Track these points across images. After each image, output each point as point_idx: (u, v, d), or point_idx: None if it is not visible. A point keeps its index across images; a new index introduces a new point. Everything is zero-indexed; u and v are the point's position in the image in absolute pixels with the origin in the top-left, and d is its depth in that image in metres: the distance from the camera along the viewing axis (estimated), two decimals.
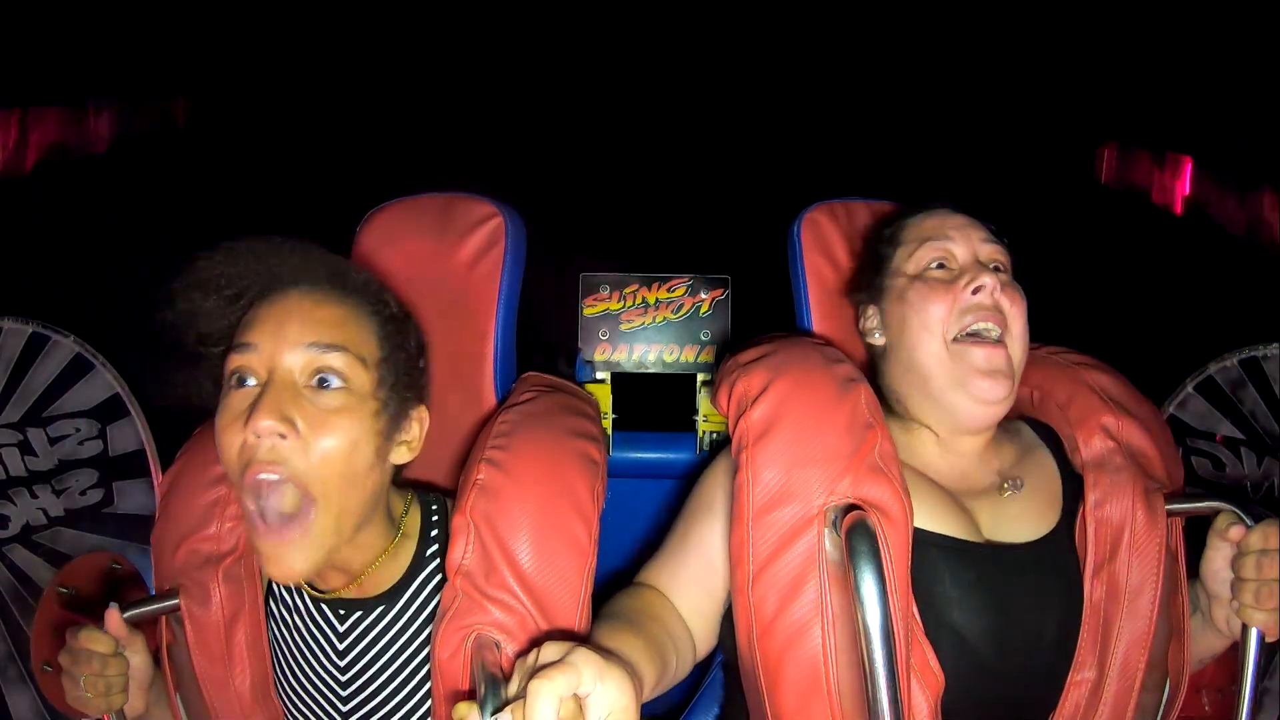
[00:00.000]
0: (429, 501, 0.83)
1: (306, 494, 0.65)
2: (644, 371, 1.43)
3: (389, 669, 0.77)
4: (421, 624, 0.77)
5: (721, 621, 0.83)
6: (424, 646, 0.76)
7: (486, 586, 0.71)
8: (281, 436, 0.64)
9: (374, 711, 0.77)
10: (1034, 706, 0.77)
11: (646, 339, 1.42)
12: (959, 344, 0.80)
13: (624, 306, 1.42)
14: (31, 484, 1.55)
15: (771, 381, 0.77)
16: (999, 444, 0.86)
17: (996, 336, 0.80)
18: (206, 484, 0.82)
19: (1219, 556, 0.74)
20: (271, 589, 0.81)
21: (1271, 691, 1.42)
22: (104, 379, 1.58)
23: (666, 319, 1.41)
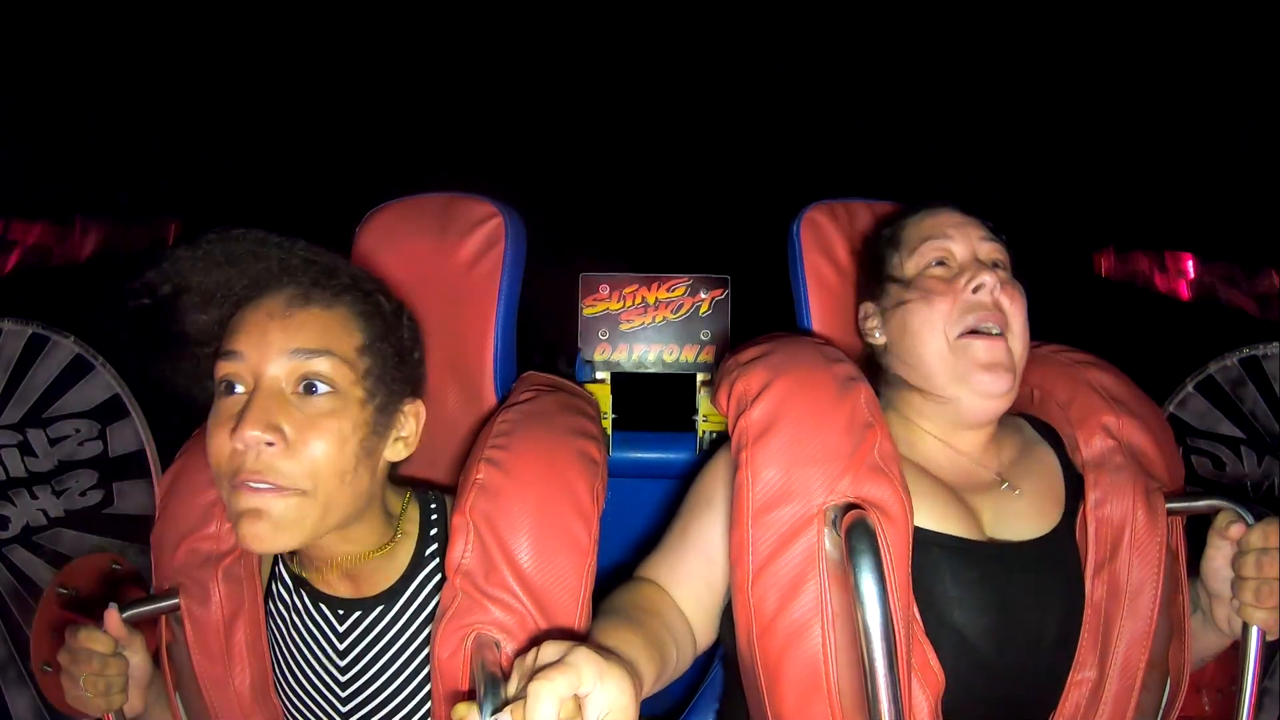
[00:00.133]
0: (428, 500, 0.83)
1: (297, 490, 0.65)
2: (644, 371, 1.43)
3: (389, 669, 0.77)
4: (421, 623, 0.77)
5: (722, 616, 0.83)
6: (424, 646, 0.76)
7: (486, 586, 0.70)
8: (269, 444, 0.64)
9: (374, 711, 0.77)
10: (1035, 706, 0.77)
11: (646, 339, 1.42)
12: (960, 340, 0.80)
13: (624, 306, 1.42)
14: (31, 485, 1.55)
15: (771, 381, 0.77)
16: (1000, 441, 0.86)
17: (997, 334, 0.80)
18: (206, 483, 0.82)
19: (1219, 555, 0.74)
20: (271, 589, 0.81)
21: (1272, 691, 1.42)
22: (104, 379, 1.58)
23: (666, 319, 1.42)
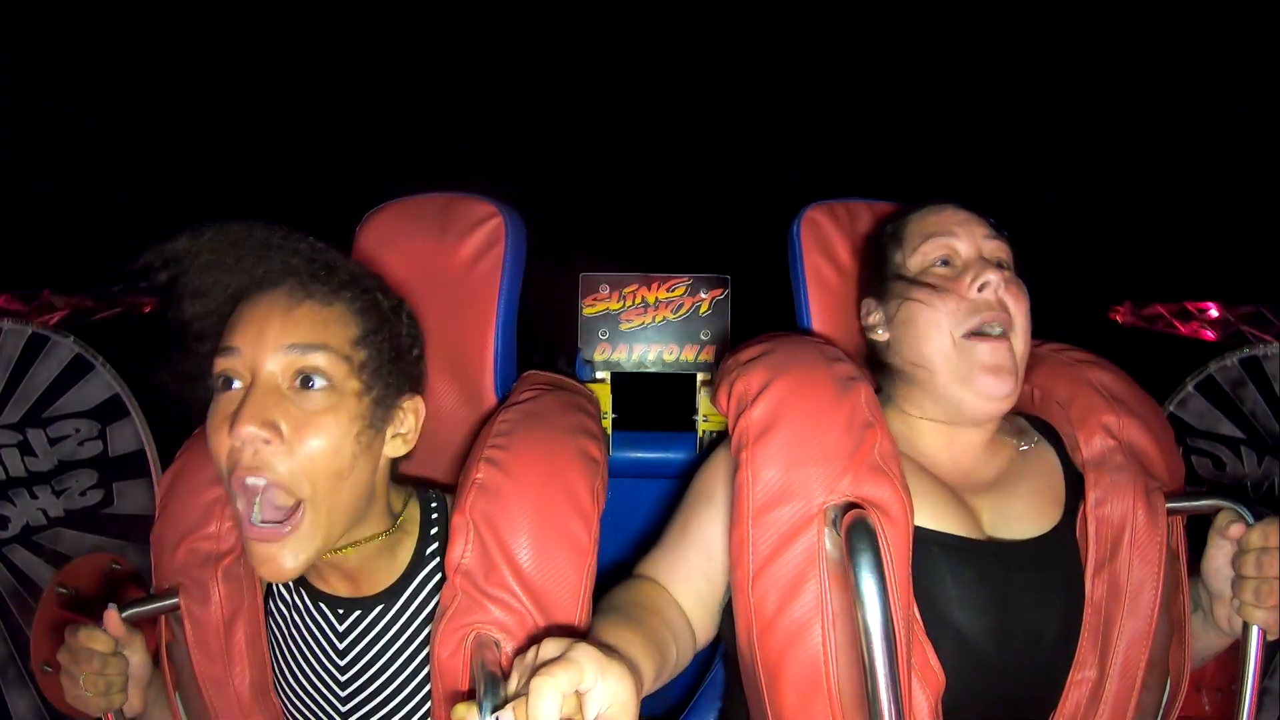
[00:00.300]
0: (429, 499, 0.83)
1: (294, 495, 0.66)
2: (644, 371, 1.43)
3: (389, 668, 0.77)
4: (421, 623, 0.77)
5: (723, 614, 0.83)
6: (424, 645, 0.76)
7: (486, 585, 0.70)
8: (265, 441, 0.64)
9: (374, 711, 0.77)
10: (1035, 705, 0.77)
11: (646, 339, 1.42)
12: (965, 340, 0.80)
13: (624, 306, 1.42)
14: (31, 484, 1.55)
15: (771, 380, 0.77)
16: (1001, 439, 0.86)
17: (1000, 333, 0.80)
18: (206, 483, 0.82)
19: (1220, 554, 0.74)
20: (271, 588, 0.81)
21: (1272, 691, 1.42)
22: (104, 379, 1.58)
23: (666, 319, 1.42)
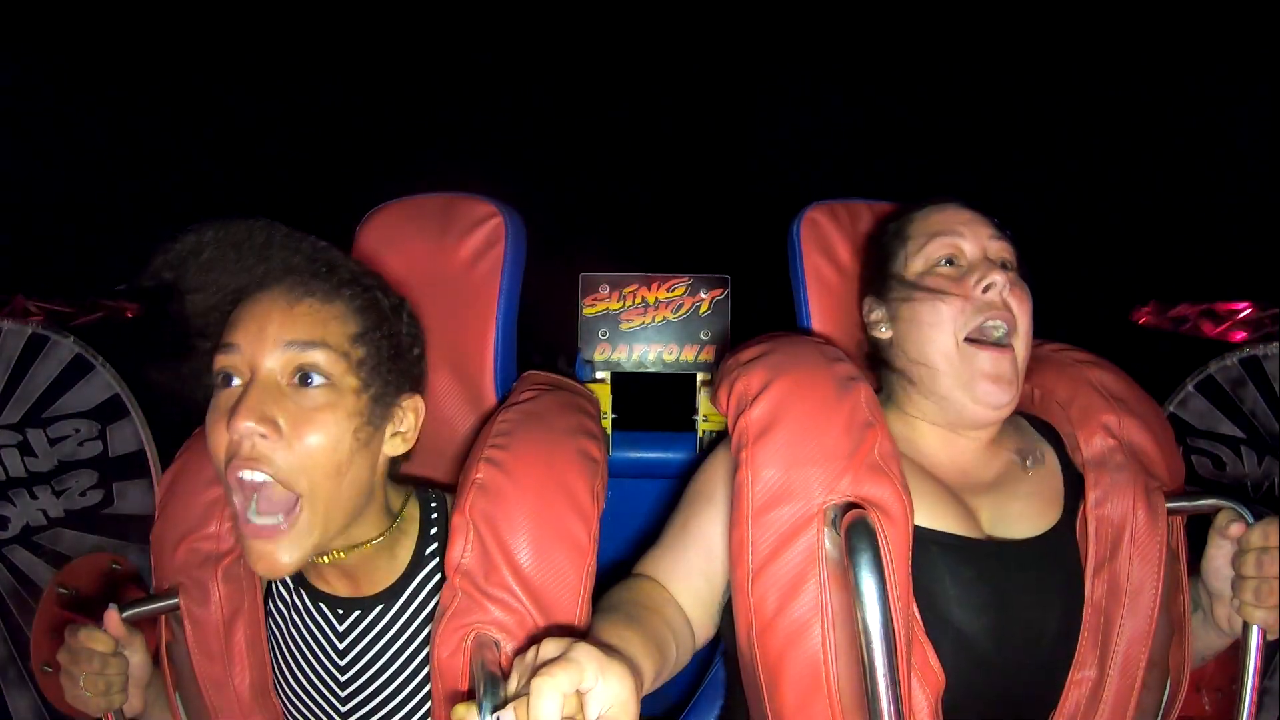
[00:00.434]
0: (429, 499, 0.83)
1: (292, 490, 0.66)
2: (644, 371, 1.43)
3: (389, 668, 0.77)
4: (421, 623, 0.77)
5: (723, 613, 0.83)
6: (424, 645, 0.76)
7: (486, 585, 0.70)
8: (263, 436, 0.64)
9: (374, 711, 0.77)
10: (1034, 704, 0.77)
11: (646, 339, 1.42)
12: (969, 344, 0.80)
13: (624, 306, 1.42)
14: (31, 485, 1.54)
15: (771, 380, 0.77)
16: (1001, 439, 0.86)
17: (1004, 333, 0.80)
18: (206, 483, 0.82)
19: (1220, 554, 0.74)
20: (271, 588, 0.81)
21: (1272, 691, 1.42)
22: (104, 379, 1.58)
23: (666, 319, 1.41)
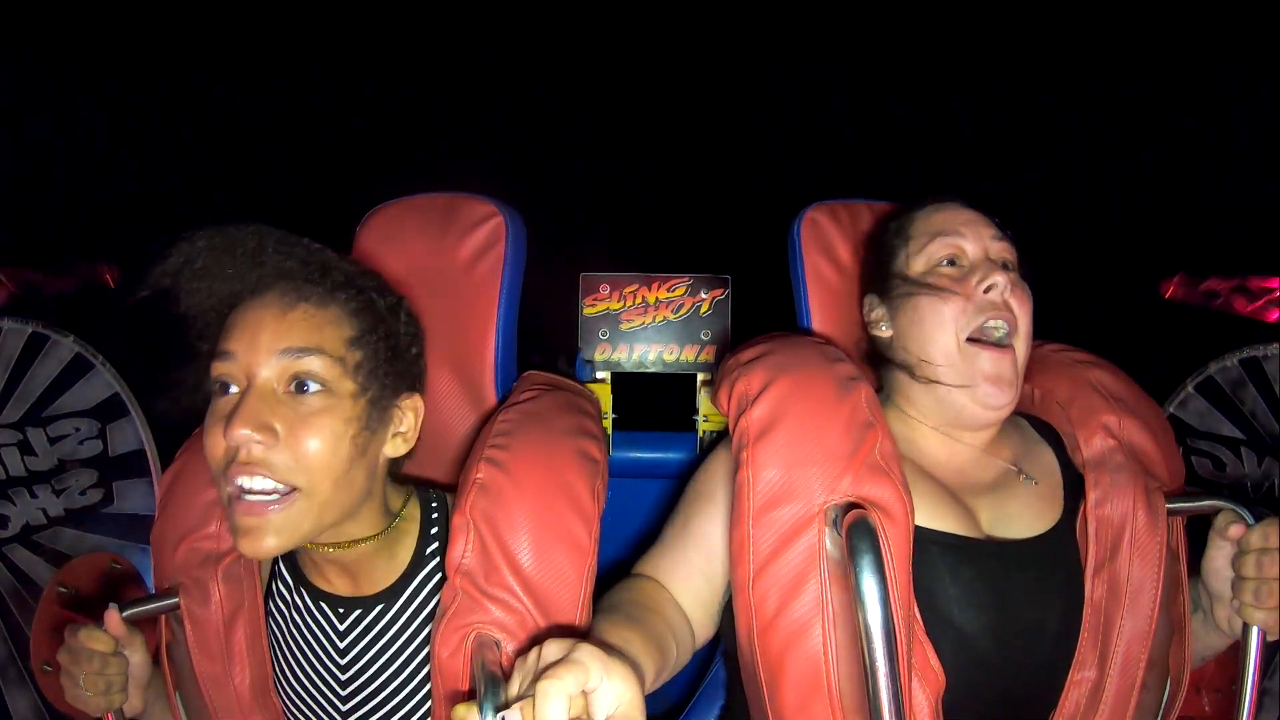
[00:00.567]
0: (429, 499, 0.83)
1: (289, 484, 0.66)
2: (644, 371, 1.43)
3: (389, 668, 0.77)
4: (421, 622, 0.77)
5: (723, 613, 0.83)
6: (424, 645, 0.76)
7: (486, 585, 0.71)
8: (259, 443, 0.64)
9: (374, 710, 0.77)
10: (1035, 704, 0.77)
11: (646, 339, 1.42)
12: (970, 345, 0.80)
13: (624, 306, 1.42)
14: (31, 484, 1.54)
15: (772, 380, 0.77)
16: (1000, 440, 0.87)
17: (1005, 333, 0.81)
18: (206, 483, 0.82)
19: (1220, 555, 0.74)
20: (271, 588, 0.81)
21: (1272, 691, 1.42)
22: (104, 379, 1.58)
23: (666, 319, 1.41)
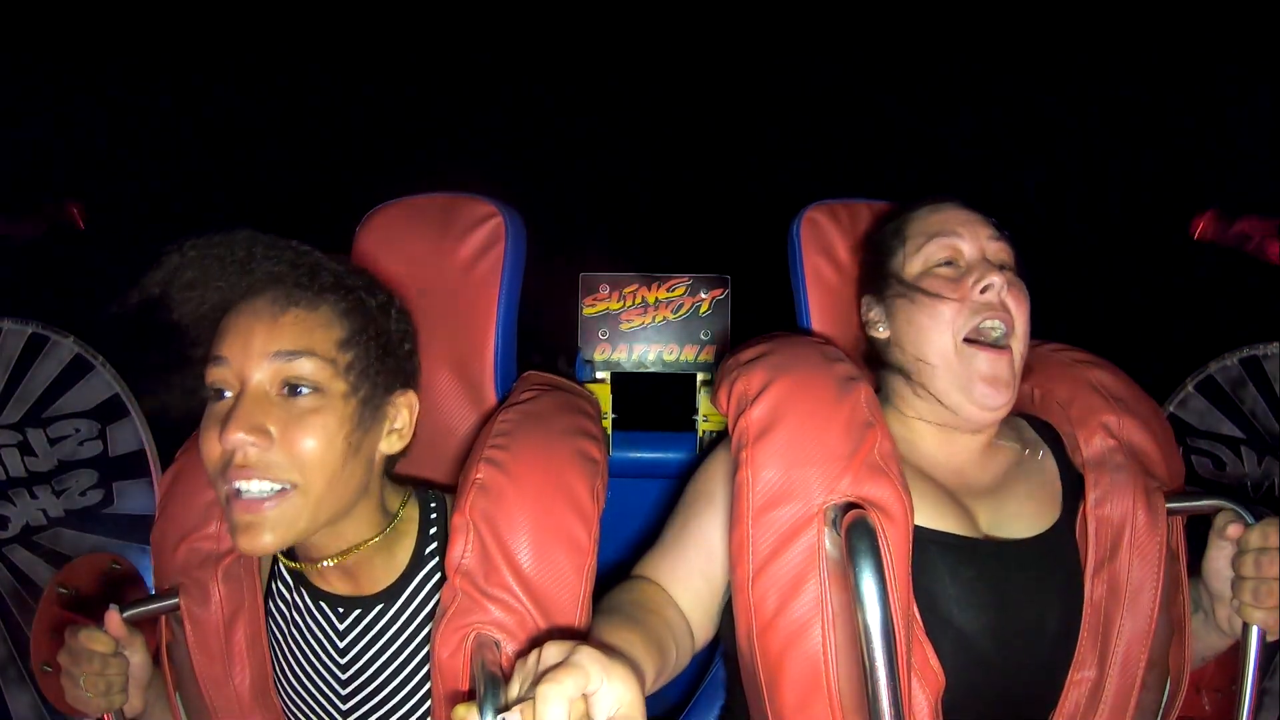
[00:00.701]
0: (428, 499, 0.83)
1: (286, 482, 0.67)
2: (644, 371, 1.43)
3: (389, 667, 0.77)
4: (421, 622, 0.77)
5: (723, 614, 0.83)
6: (424, 644, 0.76)
7: (486, 586, 0.71)
8: (254, 445, 0.65)
9: (374, 710, 0.77)
10: (1034, 703, 0.77)
11: (646, 339, 1.42)
12: (967, 345, 0.80)
13: (624, 306, 1.42)
14: (31, 484, 1.55)
15: (771, 380, 0.77)
16: (1000, 441, 0.87)
17: (1002, 334, 0.80)
18: (207, 483, 0.81)
19: (1220, 555, 0.74)
20: (271, 588, 0.81)
21: (1272, 691, 1.42)
22: (104, 379, 1.58)
23: (666, 319, 1.42)
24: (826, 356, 0.81)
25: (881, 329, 0.88)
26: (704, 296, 1.41)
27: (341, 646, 0.77)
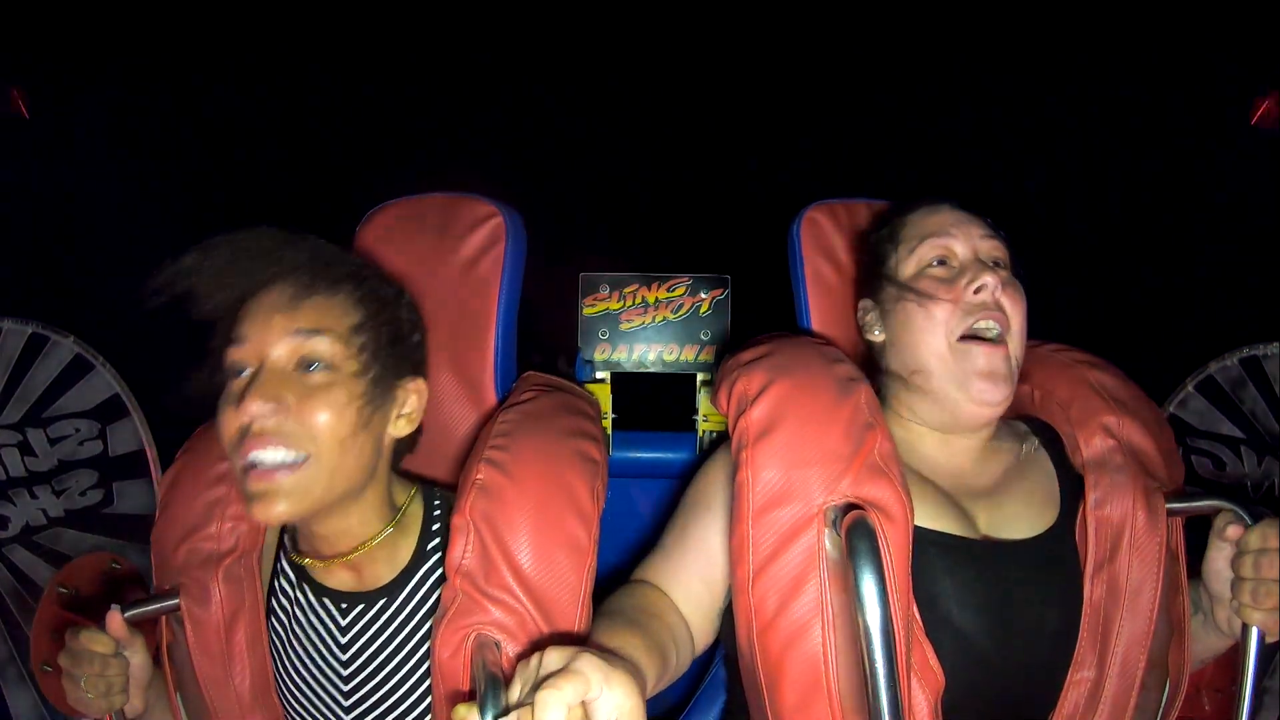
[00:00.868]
0: (432, 496, 0.83)
1: (300, 451, 0.69)
2: (644, 371, 1.43)
3: (390, 663, 0.77)
4: (423, 618, 0.77)
5: (723, 615, 0.83)
6: (425, 641, 0.77)
7: (486, 586, 0.71)
8: (272, 413, 0.68)
9: (375, 706, 0.77)
10: (1034, 704, 0.77)
11: (646, 339, 1.42)
12: (962, 343, 0.80)
13: (624, 306, 1.42)
14: (31, 484, 1.55)
15: (771, 381, 0.77)
16: (998, 442, 0.86)
17: (997, 334, 0.80)
18: (207, 483, 0.82)
19: (1220, 556, 0.74)
20: (274, 585, 0.82)
21: (1271, 691, 1.42)
22: (104, 379, 1.58)
23: (666, 319, 1.42)
24: (827, 357, 0.81)
25: (877, 332, 0.88)
26: (704, 297, 1.41)
27: (344, 643, 0.77)
